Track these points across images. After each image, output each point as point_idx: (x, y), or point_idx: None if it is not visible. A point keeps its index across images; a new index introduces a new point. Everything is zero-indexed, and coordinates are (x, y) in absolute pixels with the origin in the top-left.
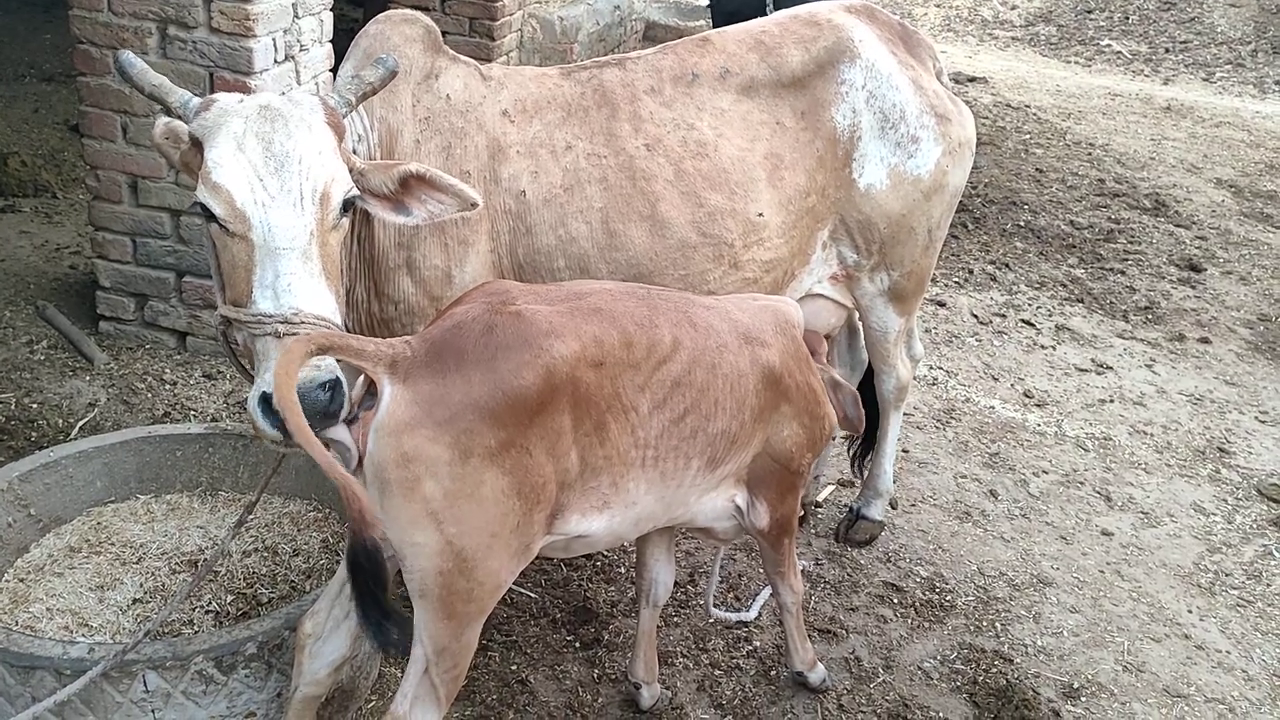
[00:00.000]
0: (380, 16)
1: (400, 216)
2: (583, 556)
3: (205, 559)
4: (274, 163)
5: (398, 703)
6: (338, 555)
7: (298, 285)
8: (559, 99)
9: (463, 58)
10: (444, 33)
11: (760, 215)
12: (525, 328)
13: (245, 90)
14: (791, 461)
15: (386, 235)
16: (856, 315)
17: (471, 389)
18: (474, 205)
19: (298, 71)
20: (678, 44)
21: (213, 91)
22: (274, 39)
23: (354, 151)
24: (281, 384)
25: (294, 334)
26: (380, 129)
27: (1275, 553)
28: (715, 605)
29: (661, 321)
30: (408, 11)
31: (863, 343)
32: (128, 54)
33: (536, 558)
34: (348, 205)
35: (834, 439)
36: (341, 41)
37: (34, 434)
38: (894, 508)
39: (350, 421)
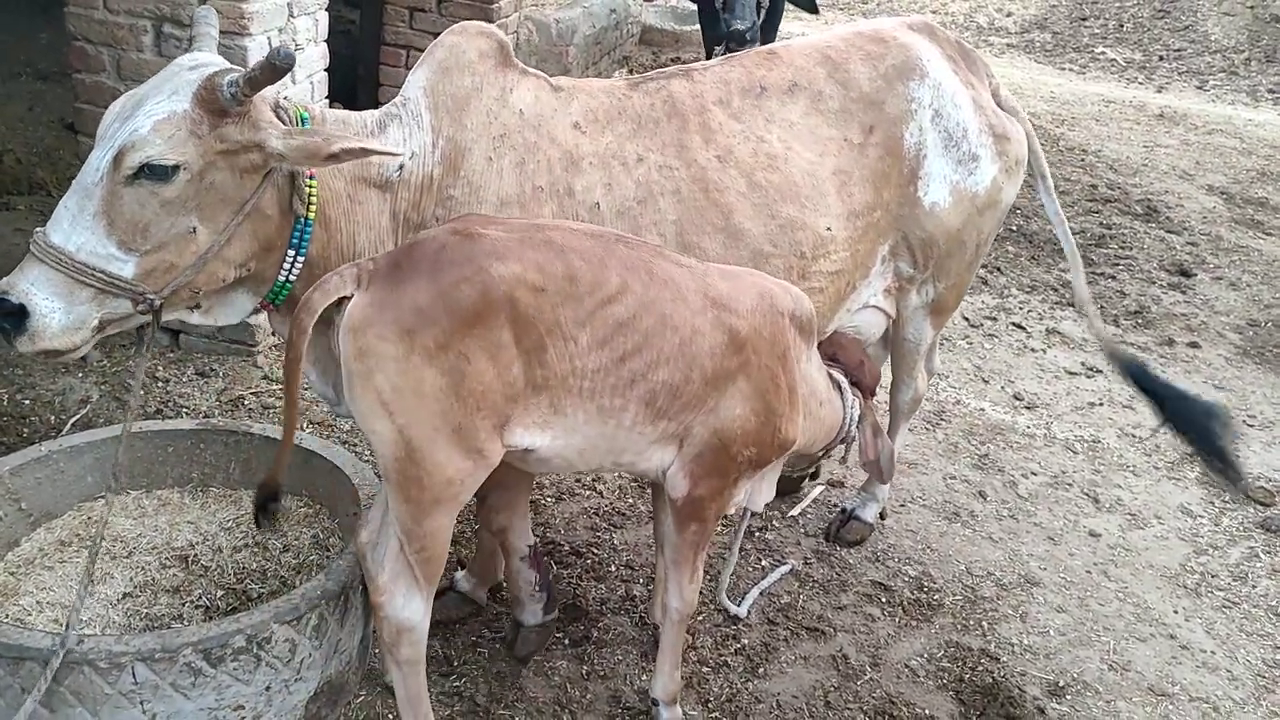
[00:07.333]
0: (456, 28)
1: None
2: (572, 555)
3: (81, 584)
4: (128, 110)
5: (378, 570)
6: (327, 550)
7: (61, 215)
8: (629, 111)
9: (532, 70)
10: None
11: (829, 229)
12: (471, 247)
13: None
14: (732, 445)
15: None
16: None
17: (416, 294)
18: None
19: (293, 71)
20: (744, 55)
21: None
22: (269, 38)
23: (398, 169)
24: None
25: (32, 253)
26: (445, 147)
27: (1261, 555)
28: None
29: (612, 263)
30: (483, 25)
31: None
32: (207, 6)
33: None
34: (156, 172)
35: (809, 477)
36: (336, 42)
37: (26, 430)
38: (883, 519)
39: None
